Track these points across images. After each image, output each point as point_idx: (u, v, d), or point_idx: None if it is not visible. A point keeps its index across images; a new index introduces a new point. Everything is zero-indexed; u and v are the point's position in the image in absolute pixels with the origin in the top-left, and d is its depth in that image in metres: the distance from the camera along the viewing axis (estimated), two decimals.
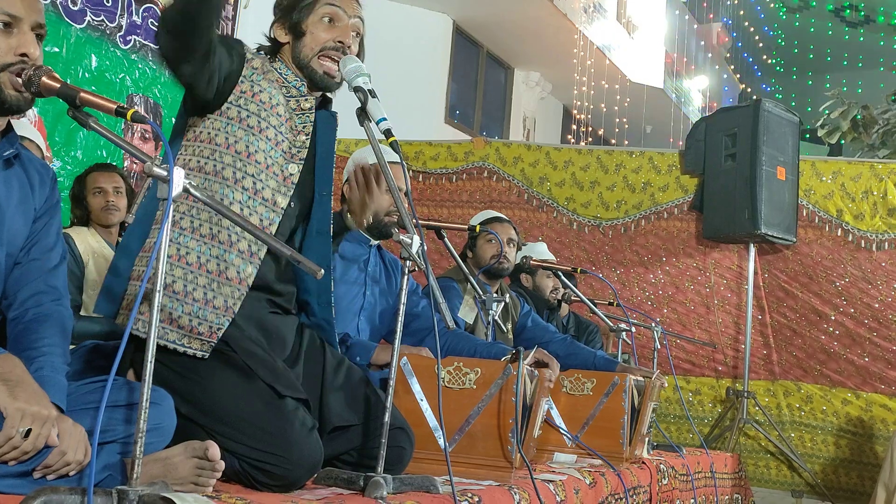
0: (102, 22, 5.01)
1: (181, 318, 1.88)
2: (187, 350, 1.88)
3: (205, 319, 1.89)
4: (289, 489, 1.79)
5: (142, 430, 1.34)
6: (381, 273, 2.91)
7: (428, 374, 2.30)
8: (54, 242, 1.75)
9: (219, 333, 1.89)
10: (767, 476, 5.37)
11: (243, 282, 1.94)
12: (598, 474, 2.67)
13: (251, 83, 2.01)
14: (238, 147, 1.97)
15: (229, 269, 1.92)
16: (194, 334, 1.88)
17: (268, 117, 2.01)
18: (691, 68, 16.88)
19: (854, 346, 5.17)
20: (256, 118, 1.99)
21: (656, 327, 4.07)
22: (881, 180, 5.15)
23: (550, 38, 11.19)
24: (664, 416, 5.55)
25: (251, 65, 2.03)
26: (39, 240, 1.71)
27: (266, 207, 1.98)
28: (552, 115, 13.68)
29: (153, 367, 1.35)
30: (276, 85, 2.06)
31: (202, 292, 1.90)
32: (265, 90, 2.02)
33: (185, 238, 1.92)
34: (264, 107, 2.01)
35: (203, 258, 1.91)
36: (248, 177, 1.96)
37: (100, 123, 1.48)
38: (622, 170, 5.72)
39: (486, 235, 3.69)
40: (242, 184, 1.96)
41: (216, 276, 1.91)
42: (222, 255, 1.92)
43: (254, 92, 2.01)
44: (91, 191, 3.59)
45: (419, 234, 1.84)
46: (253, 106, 2.00)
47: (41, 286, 1.69)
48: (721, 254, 5.48)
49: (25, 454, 1.42)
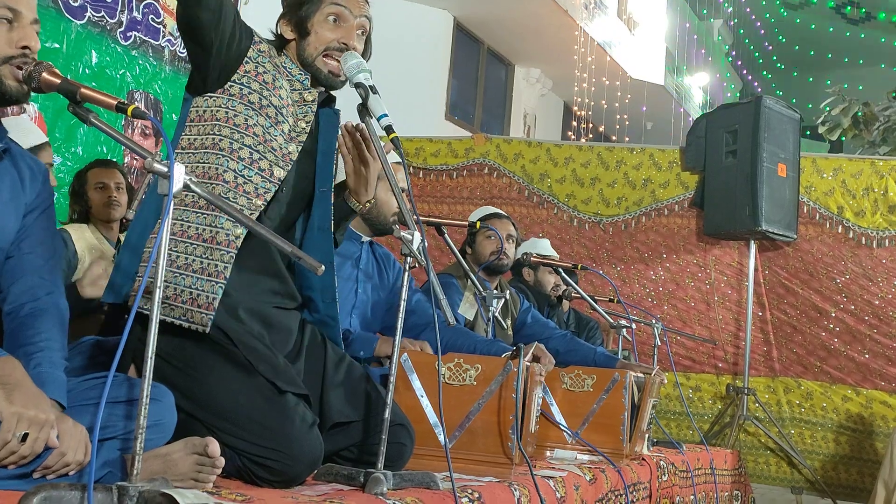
0: (103, 18, 5.00)
1: (182, 292, 1.89)
2: (190, 325, 1.88)
3: (202, 290, 1.89)
4: (289, 485, 1.79)
5: (142, 426, 1.34)
6: (373, 268, 2.90)
7: (428, 370, 2.30)
8: (47, 235, 1.74)
9: (215, 304, 1.89)
10: (767, 473, 5.37)
11: (231, 244, 1.93)
12: (598, 471, 2.67)
13: (256, 64, 2.03)
14: (237, 120, 1.98)
15: (219, 233, 1.93)
16: (194, 307, 1.89)
17: (269, 97, 2.02)
18: (692, 65, 16.87)
19: (854, 342, 5.17)
20: (258, 95, 2.01)
21: (657, 324, 4.07)
22: (882, 177, 5.15)
23: (551, 35, 11.18)
24: (664, 412, 5.55)
25: (258, 47, 2.05)
26: (32, 233, 1.71)
27: (262, 177, 1.98)
28: (553, 111, 13.68)
29: (154, 363, 1.35)
30: (281, 71, 2.08)
31: (199, 263, 1.91)
32: (269, 72, 2.04)
33: (187, 213, 1.94)
34: (267, 86, 2.03)
35: (200, 228, 1.93)
36: (244, 147, 1.97)
37: (100, 119, 1.48)
38: (623, 166, 5.72)
39: (485, 232, 3.69)
40: (239, 154, 1.97)
41: (210, 242, 1.92)
42: (213, 222, 1.93)
43: (258, 72, 2.03)
44: (93, 186, 3.60)
45: (420, 230, 1.83)
46: (255, 84, 2.01)
47: (36, 280, 1.68)
48: (721, 250, 5.48)
49: (23, 458, 1.41)
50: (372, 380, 2.14)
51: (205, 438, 1.61)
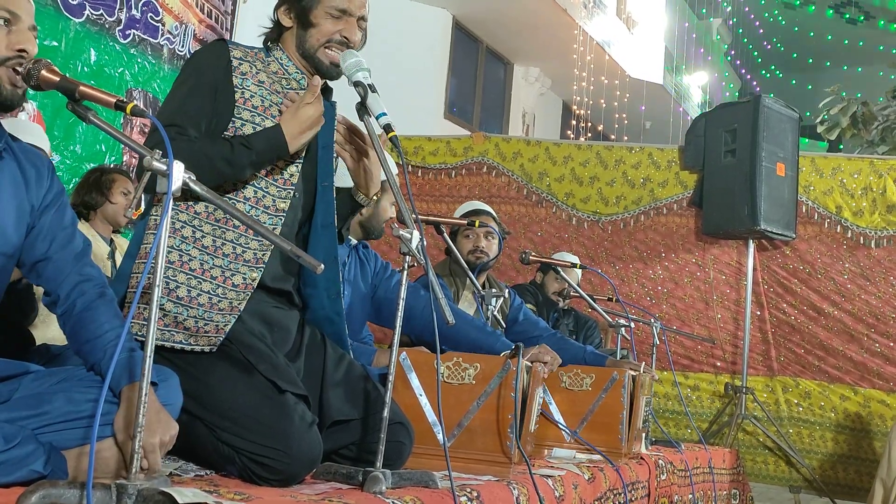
0: (101, 16, 5.00)
1: (187, 320, 1.90)
2: (194, 348, 1.89)
3: (210, 320, 1.90)
4: (288, 484, 1.79)
5: (140, 424, 1.34)
6: (356, 271, 2.90)
7: (427, 369, 2.30)
8: (71, 230, 1.74)
9: (226, 330, 1.91)
10: (765, 471, 5.38)
11: (248, 286, 1.96)
12: (596, 469, 2.67)
13: (241, 90, 2.01)
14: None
15: (235, 276, 1.94)
16: (200, 334, 1.90)
17: (262, 122, 2.00)
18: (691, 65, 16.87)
19: (852, 342, 5.18)
20: (251, 126, 1.99)
21: (655, 323, 4.07)
22: (881, 177, 5.15)
23: (550, 34, 11.18)
24: (663, 411, 5.55)
25: (239, 72, 2.02)
26: (56, 233, 1.71)
27: (269, 215, 2.01)
28: (551, 110, 13.68)
29: (153, 361, 1.35)
30: (273, 78, 2.07)
31: (207, 297, 1.91)
32: (256, 94, 2.02)
33: (188, 246, 1.93)
34: (257, 111, 2.01)
35: (206, 266, 1.93)
36: (249, 187, 1.99)
37: (99, 117, 1.48)
38: (621, 165, 5.72)
39: (463, 230, 3.67)
40: (244, 194, 1.98)
41: (221, 282, 1.93)
42: (227, 266, 1.94)
43: (245, 99, 2.01)
44: (119, 191, 3.81)
45: (419, 229, 1.83)
46: (246, 114, 2.00)
47: (77, 277, 1.69)
48: (720, 250, 5.48)
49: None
50: (371, 378, 2.14)
51: None
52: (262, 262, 1.98)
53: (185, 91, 1.99)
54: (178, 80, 2.04)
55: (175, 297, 1.89)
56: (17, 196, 1.66)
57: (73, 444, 1.50)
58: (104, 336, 1.61)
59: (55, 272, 1.69)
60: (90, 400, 1.52)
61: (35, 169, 1.71)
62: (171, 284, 1.90)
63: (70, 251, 1.71)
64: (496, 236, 3.72)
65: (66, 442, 1.49)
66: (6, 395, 1.52)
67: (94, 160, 4.84)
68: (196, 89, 1.98)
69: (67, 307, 1.67)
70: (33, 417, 1.48)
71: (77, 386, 1.55)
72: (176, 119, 1.93)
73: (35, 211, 1.69)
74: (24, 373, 1.59)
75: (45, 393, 1.53)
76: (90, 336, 1.62)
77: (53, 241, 1.70)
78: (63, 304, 1.67)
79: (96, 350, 1.60)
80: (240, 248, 1.96)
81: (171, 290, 1.89)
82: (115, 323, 1.65)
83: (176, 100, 1.99)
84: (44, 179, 1.72)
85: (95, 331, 1.62)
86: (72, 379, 1.58)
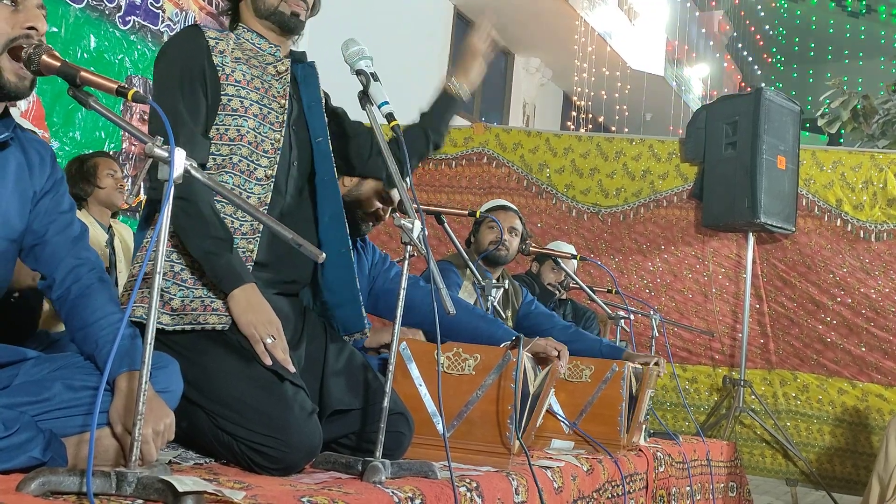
0: (101, 2, 4.97)
1: (193, 301, 1.91)
2: (205, 326, 1.89)
3: (217, 298, 1.91)
4: (287, 473, 1.79)
5: (140, 412, 1.34)
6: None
7: (427, 359, 2.30)
8: (69, 215, 1.74)
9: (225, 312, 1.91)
10: (763, 464, 5.39)
11: (248, 258, 1.98)
12: (595, 461, 2.68)
13: (223, 67, 2.02)
14: (230, 134, 2.00)
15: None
16: (209, 311, 1.90)
17: (248, 94, 2.03)
18: (692, 56, 16.84)
19: (851, 335, 5.18)
20: (238, 99, 2.01)
21: (654, 315, 4.07)
22: (881, 170, 5.14)
23: (551, 25, 11.15)
24: (661, 403, 5.56)
25: (217, 51, 2.03)
26: (54, 217, 1.71)
27: (261, 186, 2.02)
28: (552, 101, 13.66)
29: (153, 348, 1.34)
30: (249, 55, 2.08)
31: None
32: (237, 69, 2.04)
33: None
34: (241, 85, 2.03)
35: None
36: (243, 160, 2.00)
37: (100, 103, 1.47)
38: (622, 157, 5.71)
39: (488, 222, 3.68)
40: (239, 167, 1.99)
41: None
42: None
43: (226, 74, 2.02)
44: (105, 174, 3.78)
45: (420, 219, 1.82)
46: (231, 88, 2.02)
47: (74, 260, 1.69)
48: (720, 242, 5.48)
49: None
50: (371, 368, 2.14)
51: None
52: (258, 232, 2.00)
53: (175, 83, 1.98)
54: (164, 72, 2.02)
55: (179, 279, 1.91)
56: (21, 183, 1.66)
57: (72, 432, 1.49)
58: (98, 322, 1.61)
59: (51, 255, 1.68)
60: (90, 387, 1.51)
61: (39, 156, 1.72)
62: (175, 267, 1.92)
63: (67, 235, 1.71)
64: (519, 234, 3.73)
65: (66, 429, 1.49)
66: (6, 382, 1.52)
67: (94, 146, 4.82)
68: (186, 79, 1.99)
69: (63, 292, 1.67)
70: (34, 404, 1.48)
71: (77, 373, 1.55)
72: (178, 119, 1.93)
73: (36, 196, 1.69)
74: (23, 359, 1.59)
75: (46, 379, 1.52)
76: (85, 322, 1.62)
77: (51, 224, 1.70)
78: (59, 289, 1.67)
79: (89, 338, 1.60)
80: (237, 221, 1.99)
81: (175, 272, 1.91)
82: (111, 309, 1.64)
83: (171, 94, 1.97)
84: (46, 166, 1.72)
85: (89, 317, 1.62)
86: (71, 366, 1.58)
